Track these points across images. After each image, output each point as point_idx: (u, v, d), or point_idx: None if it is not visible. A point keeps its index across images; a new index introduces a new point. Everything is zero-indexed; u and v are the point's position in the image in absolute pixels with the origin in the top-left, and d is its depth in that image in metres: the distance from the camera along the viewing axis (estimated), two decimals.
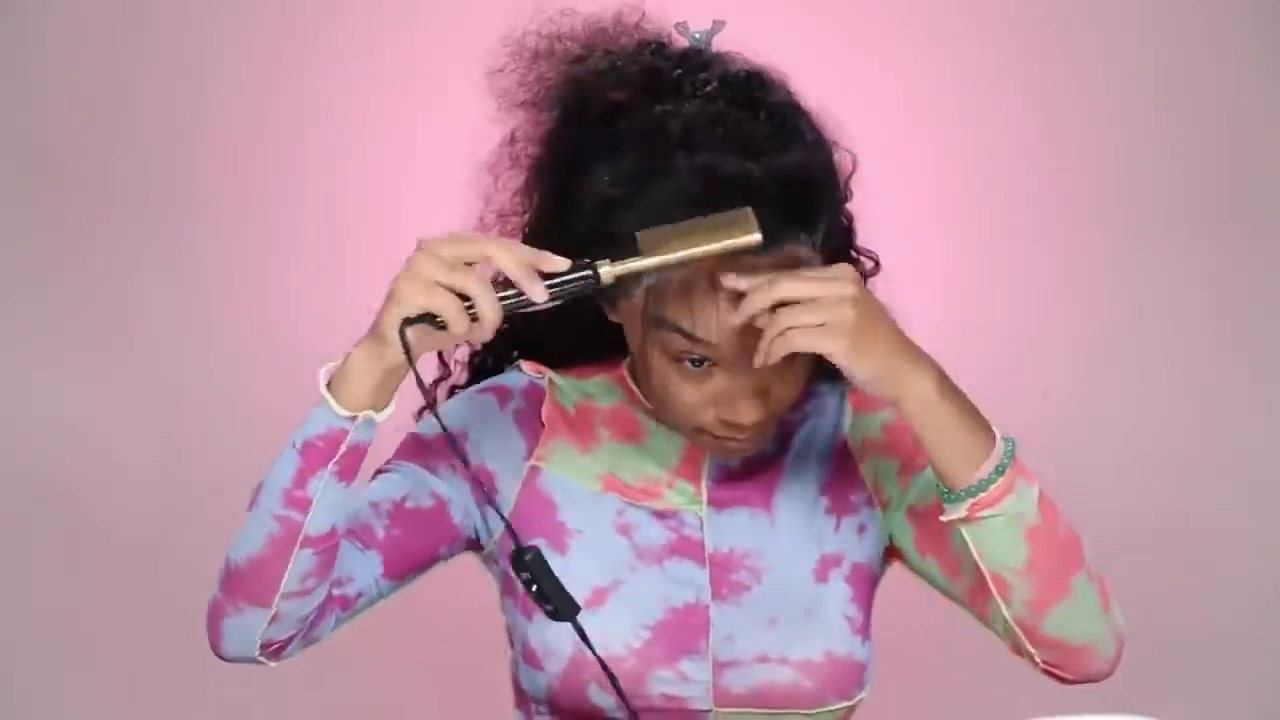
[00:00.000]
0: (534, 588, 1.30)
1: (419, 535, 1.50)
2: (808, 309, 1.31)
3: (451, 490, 1.52)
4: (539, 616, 1.49)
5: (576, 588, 1.44)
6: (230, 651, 1.43)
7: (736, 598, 1.52)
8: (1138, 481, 2.65)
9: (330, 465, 1.34)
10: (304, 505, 1.35)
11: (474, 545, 1.56)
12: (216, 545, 2.62)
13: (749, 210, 1.30)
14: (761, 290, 1.32)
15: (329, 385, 1.33)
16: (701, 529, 1.53)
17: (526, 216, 1.52)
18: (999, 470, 1.36)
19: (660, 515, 1.53)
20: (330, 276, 2.62)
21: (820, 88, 1.45)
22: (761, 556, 1.53)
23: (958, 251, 2.66)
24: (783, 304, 1.32)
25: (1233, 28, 2.68)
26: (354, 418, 1.33)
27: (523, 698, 1.57)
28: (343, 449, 1.34)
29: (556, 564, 1.45)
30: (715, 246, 1.29)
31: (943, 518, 1.39)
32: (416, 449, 1.53)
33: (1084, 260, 2.69)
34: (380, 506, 1.49)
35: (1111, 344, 2.70)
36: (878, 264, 1.55)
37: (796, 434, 1.56)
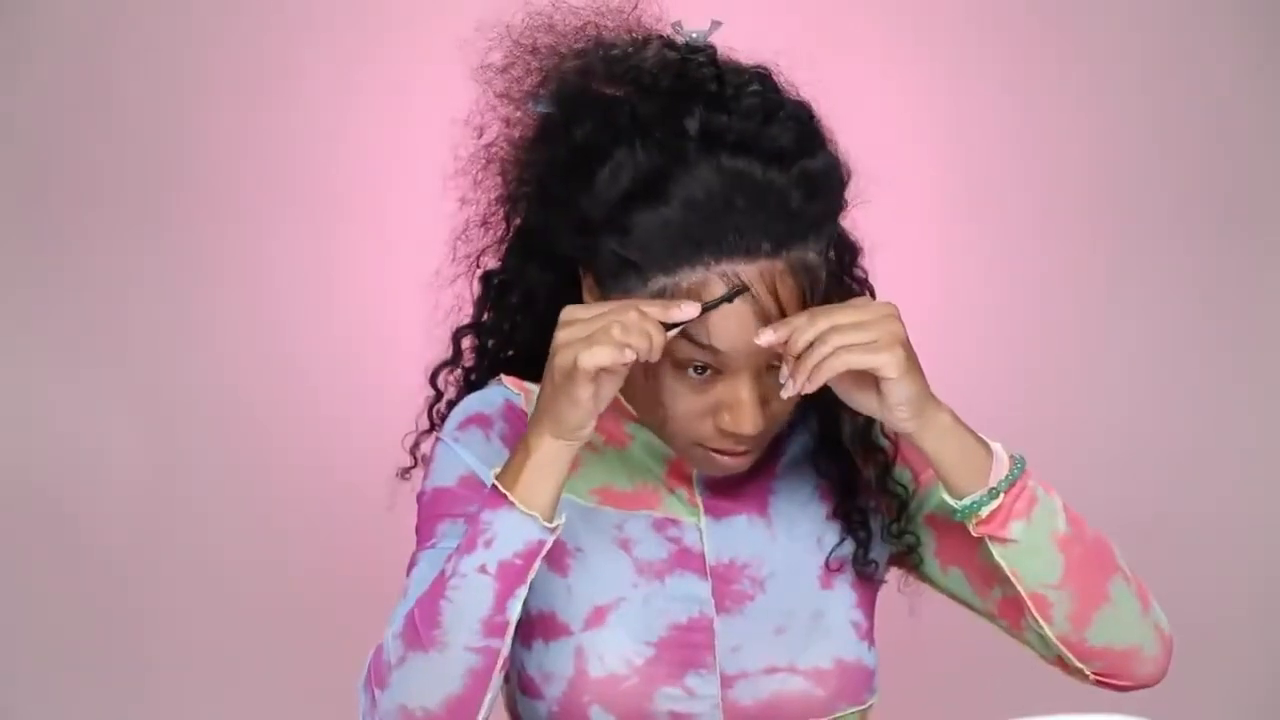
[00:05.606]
0: None
1: None
2: (857, 329, 1.31)
3: None
4: (537, 644, 1.46)
5: (577, 607, 1.44)
6: None
7: (740, 608, 1.49)
8: (1134, 481, 2.65)
9: (528, 579, 1.31)
10: (503, 629, 1.32)
11: None
12: (207, 548, 2.64)
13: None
14: (805, 325, 1.32)
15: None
16: (702, 541, 1.49)
17: (514, 222, 1.49)
18: (1009, 479, 1.37)
19: (659, 525, 1.49)
20: (324, 281, 2.62)
21: (810, 87, 1.43)
22: (762, 565, 1.50)
23: (952, 252, 2.66)
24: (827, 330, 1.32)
25: (1231, 26, 2.67)
26: (555, 527, 1.31)
27: None
28: (539, 560, 1.32)
29: (557, 585, 1.45)
30: None
31: (975, 532, 1.39)
32: (449, 503, 1.45)
33: (1081, 260, 2.69)
34: None
35: (1108, 343, 2.70)
36: (872, 294, 1.51)
37: (788, 443, 1.54)
